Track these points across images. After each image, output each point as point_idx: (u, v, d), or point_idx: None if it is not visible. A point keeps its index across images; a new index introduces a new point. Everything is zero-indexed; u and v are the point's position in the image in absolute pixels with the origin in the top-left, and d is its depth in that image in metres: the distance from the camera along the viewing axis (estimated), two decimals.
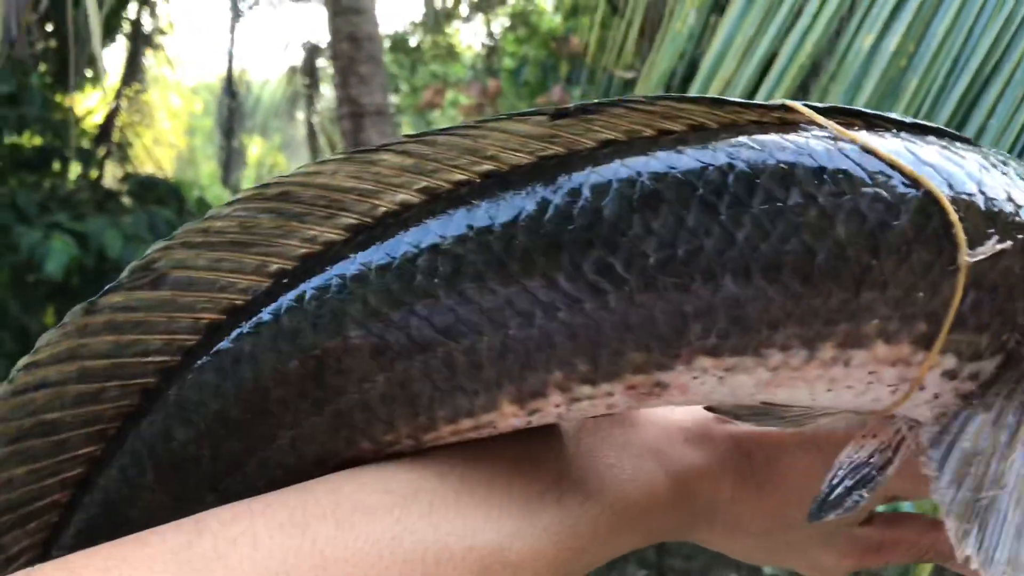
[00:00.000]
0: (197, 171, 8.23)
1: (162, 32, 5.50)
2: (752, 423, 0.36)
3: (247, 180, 6.89)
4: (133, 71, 4.67)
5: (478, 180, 0.30)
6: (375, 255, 0.29)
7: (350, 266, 0.29)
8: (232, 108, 5.87)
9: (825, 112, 0.31)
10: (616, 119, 0.30)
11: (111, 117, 4.65)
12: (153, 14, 4.98)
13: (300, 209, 0.29)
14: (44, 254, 3.18)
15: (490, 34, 6.73)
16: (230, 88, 5.95)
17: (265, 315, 0.29)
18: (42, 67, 3.96)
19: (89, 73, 4.13)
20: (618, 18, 1.78)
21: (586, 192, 0.29)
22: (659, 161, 0.29)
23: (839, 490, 0.31)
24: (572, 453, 0.34)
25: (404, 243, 0.29)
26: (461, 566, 0.28)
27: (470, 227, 0.29)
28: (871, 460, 0.32)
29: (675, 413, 0.38)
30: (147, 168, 4.95)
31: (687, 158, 0.29)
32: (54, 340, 0.28)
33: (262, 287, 0.30)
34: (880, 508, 0.43)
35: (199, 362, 0.29)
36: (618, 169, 0.29)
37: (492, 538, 0.29)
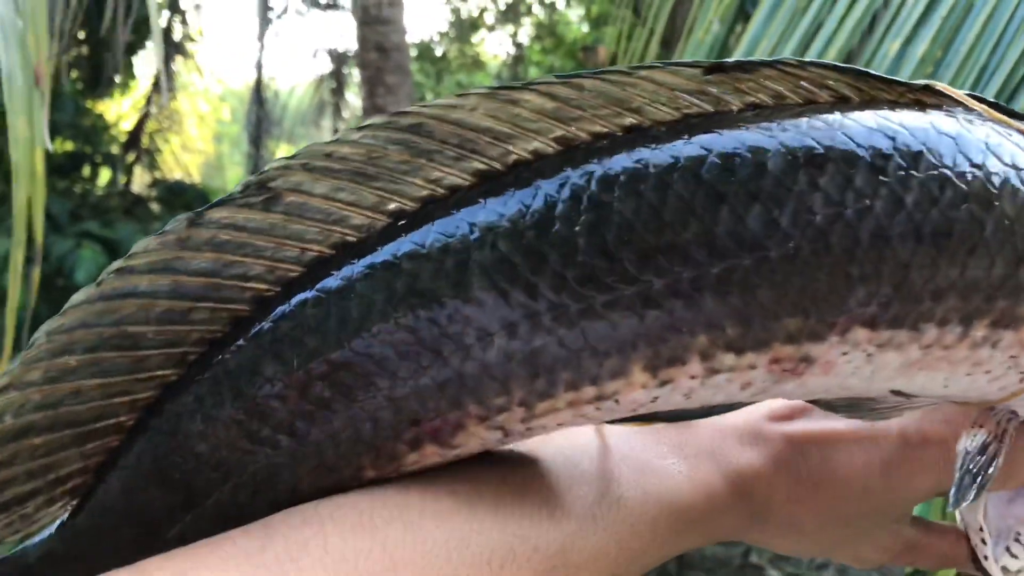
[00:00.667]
0: (224, 177, 8.30)
1: (191, 39, 5.57)
2: (844, 415, 0.34)
3: None
4: (163, 78, 4.73)
5: (619, 133, 0.28)
6: (508, 204, 0.27)
7: (480, 213, 0.27)
8: (260, 116, 5.91)
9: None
10: (767, 81, 0.29)
11: (141, 123, 4.70)
12: (184, 22, 5.04)
13: (430, 146, 0.27)
14: (74, 262, 3.23)
15: (517, 44, 6.75)
16: (259, 96, 6.00)
17: (381, 255, 0.27)
18: (73, 74, 4.02)
19: (119, 80, 4.19)
20: (640, 27, 1.79)
21: (744, 151, 0.27)
22: (823, 124, 0.28)
23: (965, 479, 0.31)
24: (628, 454, 0.33)
25: (541, 192, 0.27)
26: (526, 567, 0.28)
27: (609, 181, 0.27)
28: (985, 451, 0.32)
29: (727, 414, 0.37)
30: (175, 174, 5.00)
31: (850, 122, 0.28)
32: (152, 248, 0.26)
33: (377, 225, 0.27)
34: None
35: (301, 296, 0.27)
36: (777, 129, 0.28)
37: (556, 538, 0.29)
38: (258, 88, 6.02)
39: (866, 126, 0.28)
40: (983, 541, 0.40)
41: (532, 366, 0.27)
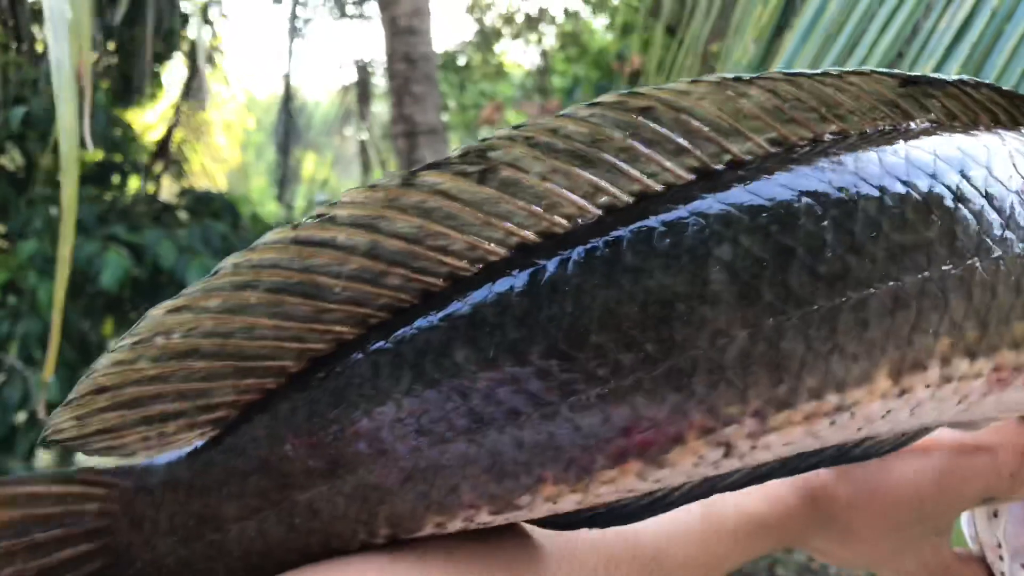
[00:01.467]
0: (249, 186, 8.37)
1: (219, 50, 5.61)
2: (963, 429, 0.34)
3: (301, 196, 6.98)
4: (191, 88, 4.78)
5: (826, 140, 0.27)
6: (743, 197, 0.26)
7: (712, 207, 0.26)
8: (288, 126, 5.96)
9: None
10: (946, 100, 0.29)
11: (169, 133, 4.75)
12: (214, 34, 5.08)
13: (653, 135, 0.26)
14: (100, 265, 3.25)
15: (543, 53, 6.76)
16: (287, 106, 6.05)
17: (599, 246, 0.25)
18: (103, 84, 4.06)
19: (148, 90, 4.23)
20: (675, 40, 1.78)
21: (971, 162, 0.27)
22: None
23: None
24: None
25: (778, 189, 0.26)
26: (634, 565, 0.30)
27: (848, 179, 0.26)
28: None
29: None
30: (202, 183, 5.05)
31: None
32: (358, 200, 0.25)
33: (586, 217, 0.26)
34: None
35: (506, 282, 0.25)
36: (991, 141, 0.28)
37: (652, 541, 0.31)
38: (287, 98, 6.07)
39: None
40: (1000, 558, 0.41)
41: (776, 370, 0.25)
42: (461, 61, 7.23)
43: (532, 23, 6.61)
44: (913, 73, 0.28)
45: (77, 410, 0.26)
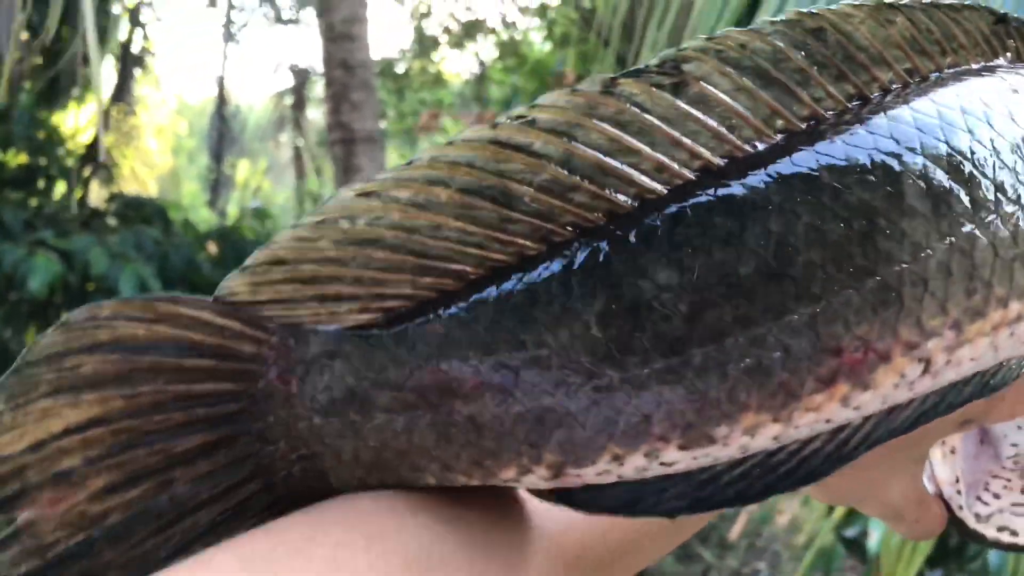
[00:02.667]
0: (179, 192, 8.21)
1: (150, 53, 5.51)
2: None
3: (234, 203, 6.86)
4: (121, 91, 4.67)
5: (947, 72, 0.29)
6: (910, 119, 0.27)
7: (886, 126, 0.26)
8: (222, 130, 5.86)
9: None
10: (1020, 40, 0.31)
11: (98, 137, 4.64)
12: (146, 36, 4.98)
13: (823, 58, 0.26)
14: (27, 271, 3.16)
15: (481, 63, 6.79)
16: (221, 110, 5.95)
17: (791, 166, 0.25)
18: (27, 85, 3.95)
19: (76, 92, 4.12)
20: (604, 49, 1.81)
21: None
22: None
23: None
24: None
25: (934, 111, 0.27)
26: (602, 549, 0.31)
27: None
28: None
29: None
30: (132, 188, 4.93)
31: None
32: (560, 104, 0.24)
33: (764, 140, 0.26)
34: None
35: (702, 201, 0.25)
36: None
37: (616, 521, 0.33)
38: (220, 102, 5.97)
39: None
40: (958, 492, 0.43)
41: (971, 279, 0.26)
42: (400, 69, 7.21)
43: (470, 32, 6.62)
44: (1005, 13, 0.30)
45: (252, 277, 0.26)
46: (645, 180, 0.25)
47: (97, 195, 4.62)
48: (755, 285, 0.24)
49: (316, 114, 8.06)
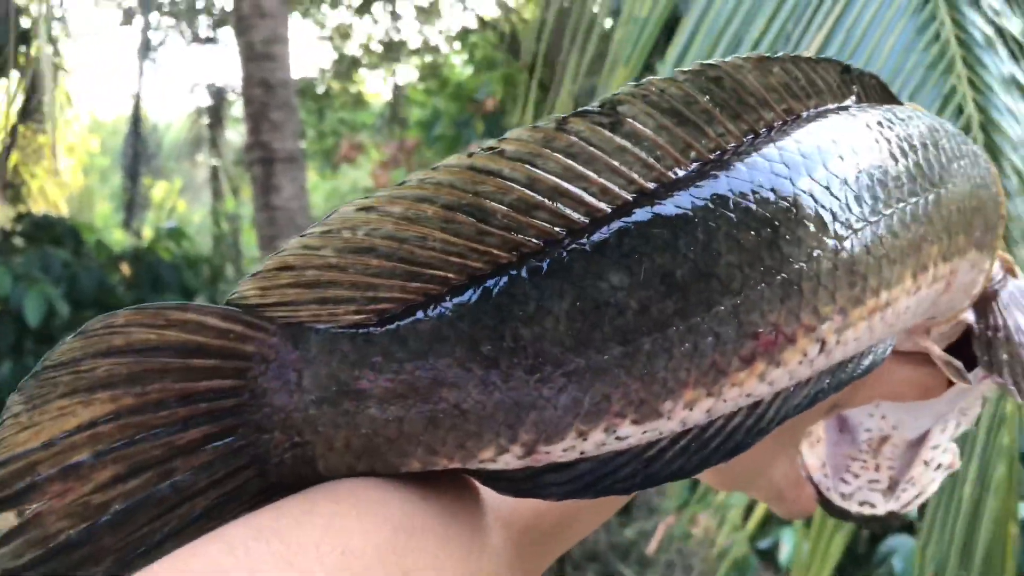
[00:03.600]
0: (92, 212, 7.98)
1: (62, 69, 5.36)
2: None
3: (149, 223, 6.70)
4: (30, 109, 4.54)
5: (810, 112, 0.35)
6: (797, 148, 0.33)
7: (778, 154, 0.32)
8: (137, 149, 5.72)
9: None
10: (860, 85, 0.38)
11: (5, 154, 4.49)
12: (56, 52, 4.85)
13: (721, 101, 0.32)
14: None
15: (397, 86, 6.79)
16: (136, 129, 5.81)
17: (708, 188, 0.31)
18: None
19: None
20: (525, 74, 1.84)
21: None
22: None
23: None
24: None
25: (816, 140, 0.34)
26: (543, 525, 0.35)
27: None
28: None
29: None
30: (41, 208, 4.78)
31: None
32: (523, 138, 0.29)
33: (683, 167, 0.31)
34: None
35: (642, 217, 0.30)
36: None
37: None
38: (136, 121, 5.84)
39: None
40: (825, 476, 0.50)
41: (851, 275, 0.32)
42: (321, 89, 7.17)
43: (391, 54, 6.63)
44: (846, 62, 0.37)
45: (262, 281, 0.29)
46: (594, 201, 0.30)
47: (3, 215, 4.47)
48: (689, 283, 0.30)
49: (234, 134, 7.95)
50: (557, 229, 0.29)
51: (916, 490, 0.51)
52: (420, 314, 0.29)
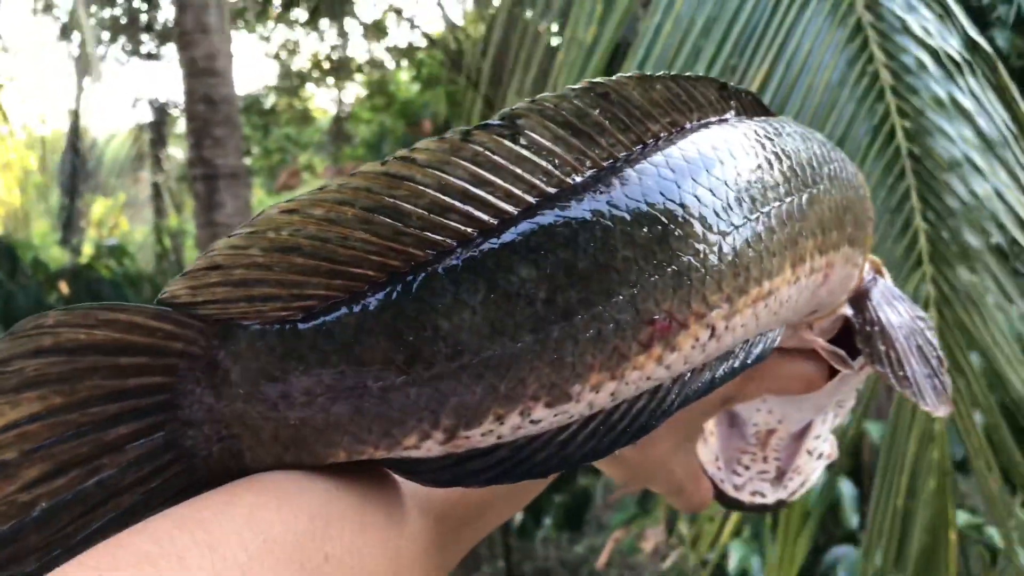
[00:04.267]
0: (29, 230, 7.79)
1: None
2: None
3: (90, 240, 6.55)
4: None
5: (693, 124, 0.39)
6: (680, 154, 0.35)
7: (664, 160, 0.35)
8: (76, 165, 5.60)
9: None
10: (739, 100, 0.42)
11: None
12: None
13: (611, 115, 0.34)
14: None
15: (340, 101, 6.77)
16: (74, 145, 5.69)
17: (604, 191, 0.33)
18: None
19: None
20: (473, 91, 1.85)
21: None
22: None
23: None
24: None
25: (698, 149, 0.36)
26: (460, 511, 0.37)
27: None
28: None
29: None
30: None
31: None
32: (431, 148, 0.31)
33: (579, 174, 0.33)
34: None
35: (547, 218, 0.32)
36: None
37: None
38: (74, 136, 5.72)
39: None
40: (719, 469, 0.53)
41: (735, 267, 0.35)
42: (267, 104, 7.11)
43: (337, 70, 6.60)
44: (723, 79, 0.40)
45: (192, 281, 0.30)
46: (501, 203, 0.32)
47: None
48: (590, 275, 0.32)
49: (176, 150, 7.84)
50: (469, 230, 0.31)
51: (801, 478, 0.54)
52: (344, 309, 0.31)
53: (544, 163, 0.32)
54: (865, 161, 1.21)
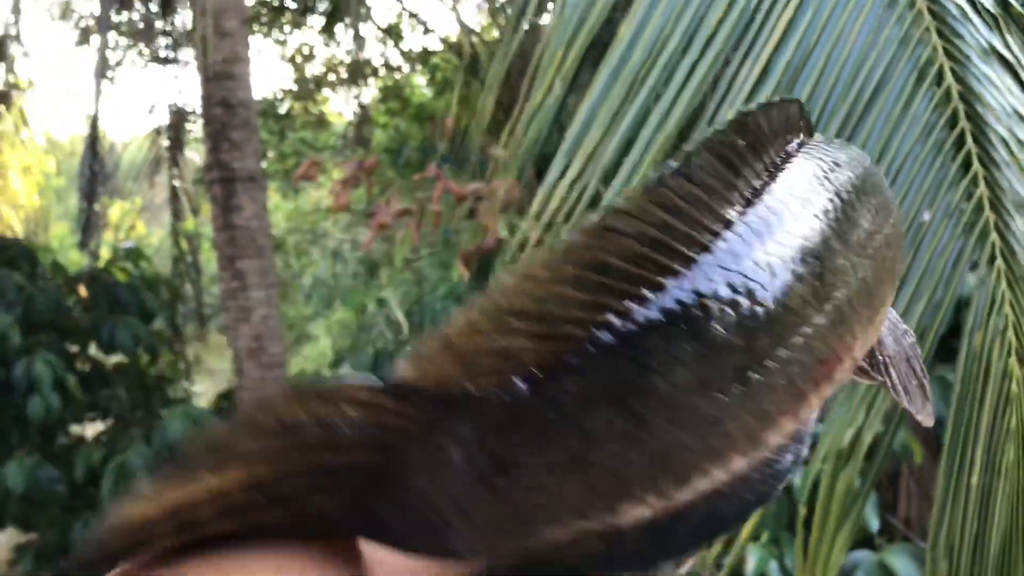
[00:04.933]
0: (48, 233, 7.84)
1: (18, 88, 5.30)
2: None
3: (107, 244, 6.59)
4: None
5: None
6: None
7: (791, 190, 0.33)
8: (95, 169, 5.64)
9: None
10: None
11: None
12: (11, 69, 4.79)
13: (747, 142, 0.33)
14: None
15: (361, 105, 6.79)
16: (93, 149, 5.73)
17: (767, 230, 0.32)
18: None
19: None
20: (481, 89, 1.83)
21: None
22: None
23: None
24: None
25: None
26: None
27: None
28: None
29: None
30: None
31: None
32: (638, 195, 0.29)
33: (732, 208, 0.32)
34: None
35: (727, 257, 0.30)
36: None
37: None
38: (92, 140, 5.76)
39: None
40: None
41: (871, 299, 0.35)
42: (282, 109, 7.14)
43: (353, 74, 6.63)
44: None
45: (421, 360, 0.28)
46: (682, 247, 0.30)
47: None
48: (774, 317, 0.31)
49: (194, 154, 7.88)
50: (662, 279, 0.29)
51: None
52: (565, 376, 0.28)
53: (707, 198, 0.31)
54: (911, 104, 1.16)
